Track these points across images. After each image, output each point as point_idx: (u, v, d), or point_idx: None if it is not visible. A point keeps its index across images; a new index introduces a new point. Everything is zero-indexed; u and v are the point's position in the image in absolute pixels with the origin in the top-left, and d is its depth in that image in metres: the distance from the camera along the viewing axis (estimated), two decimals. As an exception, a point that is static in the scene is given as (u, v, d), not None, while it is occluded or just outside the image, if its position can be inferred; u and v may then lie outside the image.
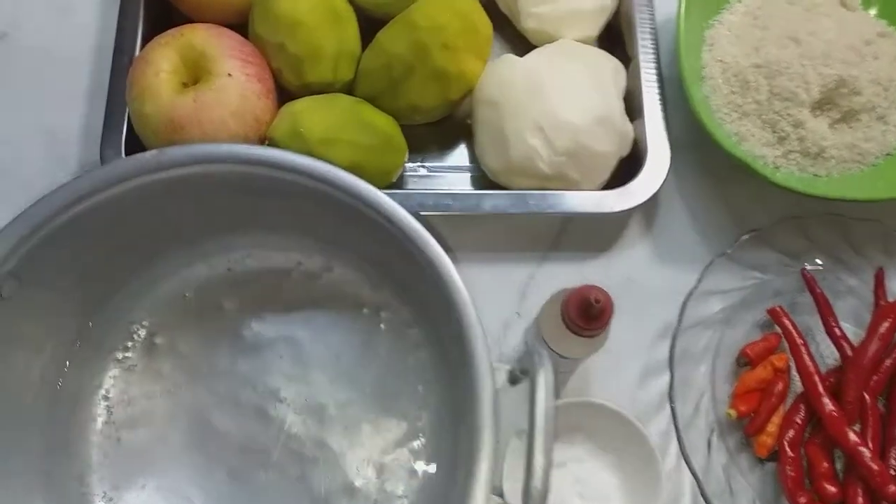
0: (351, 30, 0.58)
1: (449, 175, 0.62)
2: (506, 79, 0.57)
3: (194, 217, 0.49)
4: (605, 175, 0.58)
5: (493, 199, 0.56)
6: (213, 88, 0.52)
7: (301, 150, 0.54)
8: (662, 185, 0.57)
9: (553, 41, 0.61)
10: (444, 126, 0.61)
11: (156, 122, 0.52)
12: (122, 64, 0.58)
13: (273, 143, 0.55)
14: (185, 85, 0.53)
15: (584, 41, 0.62)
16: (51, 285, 0.45)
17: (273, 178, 0.45)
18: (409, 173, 0.61)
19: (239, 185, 0.45)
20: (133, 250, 0.49)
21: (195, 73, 0.53)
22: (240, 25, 0.58)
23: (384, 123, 0.56)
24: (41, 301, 0.45)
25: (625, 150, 0.59)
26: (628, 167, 0.59)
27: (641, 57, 0.61)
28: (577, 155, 0.56)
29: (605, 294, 0.44)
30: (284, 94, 0.58)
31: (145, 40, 0.58)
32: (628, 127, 0.59)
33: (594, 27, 0.62)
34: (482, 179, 0.60)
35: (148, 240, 0.49)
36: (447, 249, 0.45)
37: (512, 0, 0.61)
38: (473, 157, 0.61)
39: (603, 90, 0.58)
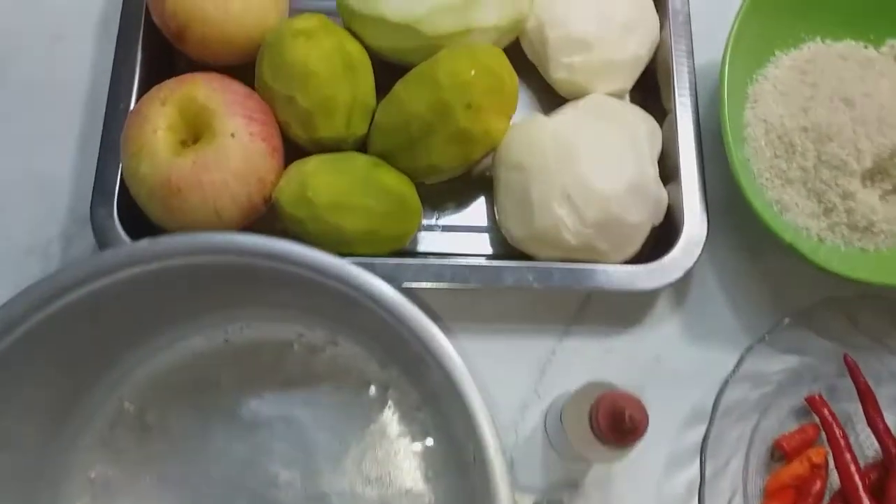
0: (365, 79, 0.54)
1: (466, 235, 0.57)
2: (533, 141, 0.52)
3: (189, 300, 0.45)
4: (636, 246, 0.54)
5: (515, 273, 0.52)
6: (214, 149, 0.48)
7: (308, 214, 0.50)
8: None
9: (583, 94, 0.56)
10: (461, 180, 0.57)
11: (152, 182, 0.48)
12: (117, 109, 0.53)
13: (278, 206, 0.50)
14: (184, 143, 0.49)
15: (617, 94, 0.57)
16: (32, 379, 0.41)
17: (274, 269, 0.40)
18: (423, 231, 0.57)
19: (238, 273, 0.41)
20: (123, 333, 0.45)
21: (195, 129, 0.49)
22: (245, 67, 0.54)
23: (398, 184, 0.52)
24: (21, 396, 0.41)
25: (658, 219, 0.54)
26: (661, 234, 0.55)
27: (679, 113, 0.56)
28: (607, 226, 0.51)
29: (640, 410, 0.40)
30: (292, 146, 0.53)
31: (143, 83, 0.54)
32: (663, 194, 0.54)
33: (628, 80, 0.57)
34: (502, 242, 0.56)
35: (139, 322, 0.45)
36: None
37: (541, 48, 0.57)
38: (492, 216, 0.57)
39: (637, 155, 0.53)
